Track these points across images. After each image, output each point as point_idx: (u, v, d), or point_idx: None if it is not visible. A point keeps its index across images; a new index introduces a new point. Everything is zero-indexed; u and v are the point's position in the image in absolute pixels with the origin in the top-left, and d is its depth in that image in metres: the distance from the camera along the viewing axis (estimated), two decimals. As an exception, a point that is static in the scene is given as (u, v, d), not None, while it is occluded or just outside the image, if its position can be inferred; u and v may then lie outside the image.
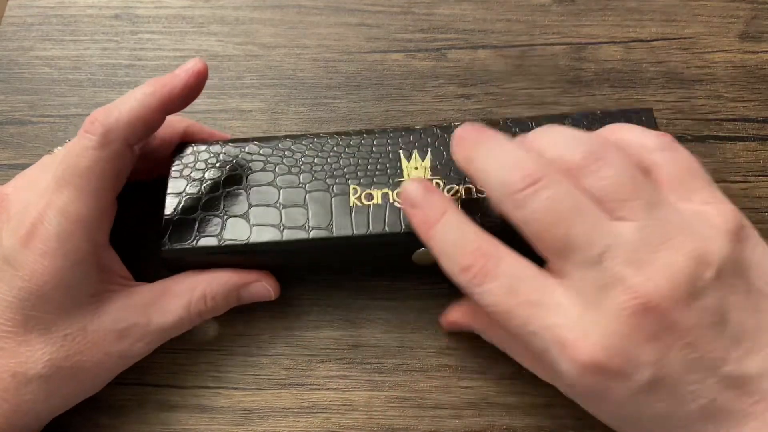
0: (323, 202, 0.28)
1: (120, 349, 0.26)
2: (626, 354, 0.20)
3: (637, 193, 0.21)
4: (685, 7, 0.38)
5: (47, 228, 0.24)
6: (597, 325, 0.20)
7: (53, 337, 0.25)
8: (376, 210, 0.28)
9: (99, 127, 0.25)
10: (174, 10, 0.40)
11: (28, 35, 0.39)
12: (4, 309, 0.24)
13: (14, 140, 0.36)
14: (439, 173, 0.28)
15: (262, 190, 0.29)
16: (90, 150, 0.25)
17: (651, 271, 0.20)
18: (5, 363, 0.24)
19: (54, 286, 0.24)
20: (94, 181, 0.25)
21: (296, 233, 0.28)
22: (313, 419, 0.29)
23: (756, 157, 0.34)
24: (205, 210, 0.29)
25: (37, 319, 0.25)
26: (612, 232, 0.21)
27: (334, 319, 0.31)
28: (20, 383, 0.24)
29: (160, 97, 0.26)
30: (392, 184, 0.28)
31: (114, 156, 0.25)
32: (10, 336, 0.24)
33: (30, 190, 0.26)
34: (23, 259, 0.24)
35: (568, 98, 0.36)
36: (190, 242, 0.28)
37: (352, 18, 0.39)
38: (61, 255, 0.24)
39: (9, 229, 0.25)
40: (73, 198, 0.25)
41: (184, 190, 0.29)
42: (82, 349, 0.25)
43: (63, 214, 0.24)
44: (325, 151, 0.30)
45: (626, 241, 0.21)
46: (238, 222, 0.28)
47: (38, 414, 0.25)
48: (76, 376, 0.26)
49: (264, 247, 0.28)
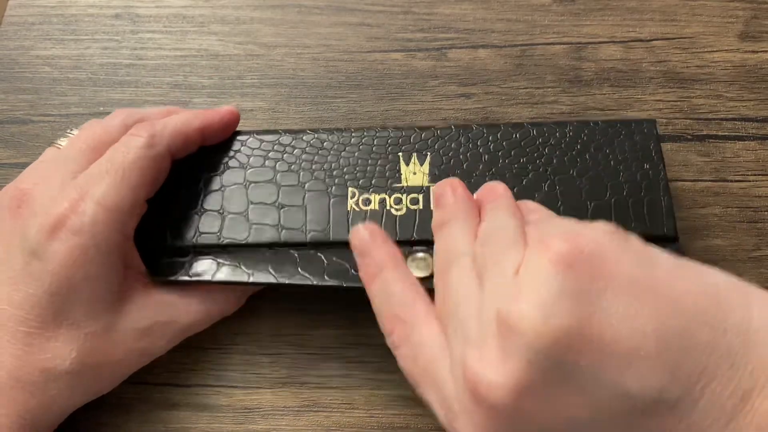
0: (321, 204, 0.28)
1: (142, 347, 0.27)
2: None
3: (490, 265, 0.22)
4: (685, 7, 0.38)
5: (80, 218, 0.25)
6: (461, 413, 0.21)
7: (80, 334, 0.25)
8: (372, 216, 0.28)
9: (147, 131, 0.27)
10: (175, 10, 0.40)
11: (28, 35, 0.39)
12: (33, 305, 0.25)
13: (15, 139, 0.36)
14: (436, 180, 0.28)
15: (261, 187, 0.29)
16: (137, 148, 0.27)
17: (484, 352, 0.20)
18: (34, 359, 0.25)
19: (84, 278, 0.25)
20: (136, 177, 0.26)
21: (294, 234, 0.28)
22: (314, 418, 0.29)
23: (755, 156, 0.34)
24: (206, 206, 0.29)
25: (65, 315, 0.25)
26: (464, 325, 0.22)
27: (334, 317, 0.31)
28: (48, 379, 0.25)
29: (201, 120, 0.29)
30: (390, 190, 0.29)
31: (157, 158, 0.27)
32: (39, 332, 0.25)
33: (49, 184, 0.26)
34: (52, 250, 0.24)
35: (567, 98, 0.36)
36: (192, 239, 0.28)
37: (353, 18, 0.39)
38: (93, 245, 0.25)
39: (35, 224, 0.25)
40: (113, 188, 0.26)
41: (185, 184, 0.29)
42: (106, 345, 0.26)
43: (100, 203, 0.25)
44: (325, 149, 0.30)
45: (479, 330, 0.21)
46: (238, 218, 0.28)
47: (60, 408, 0.26)
48: (99, 373, 0.26)
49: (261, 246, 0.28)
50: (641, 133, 0.29)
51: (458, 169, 0.29)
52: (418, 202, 0.28)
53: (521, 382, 0.19)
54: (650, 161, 0.29)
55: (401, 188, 0.29)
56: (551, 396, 0.19)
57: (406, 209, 0.28)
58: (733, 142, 0.34)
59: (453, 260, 0.23)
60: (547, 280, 0.19)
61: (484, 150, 0.29)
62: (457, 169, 0.29)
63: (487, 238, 0.23)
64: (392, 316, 0.24)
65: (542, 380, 0.19)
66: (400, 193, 0.29)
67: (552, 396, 0.19)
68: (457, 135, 0.30)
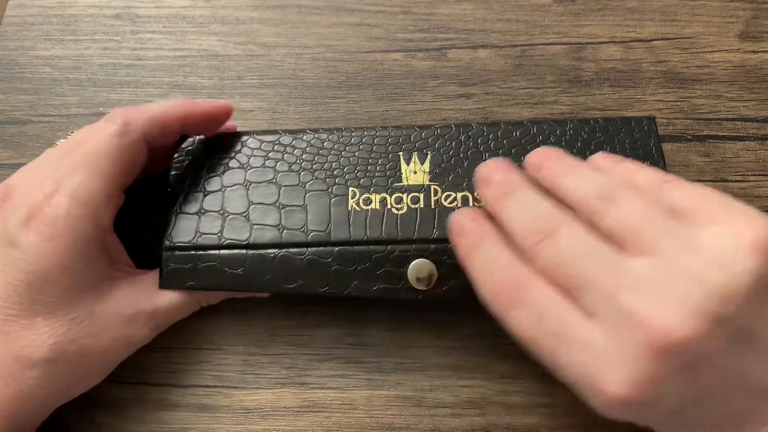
0: (322, 204, 0.28)
1: (126, 335, 0.27)
2: (652, 388, 0.20)
3: (653, 229, 0.21)
4: (685, 7, 0.38)
5: (54, 210, 0.25)
6: (621, 361, 0.20)
7: (59, 321, 0.25)
8: (373, 215, 0.28)
9: (120, 118, 0.27)
10: (174, 10, 0.40)
11: (28, 35, 0.39)
12: (11, 293, 0.24)
13: (15, 140, 0.36)
14: (437, 179, 0.28)
15: (261, 187, 0.29)
16: (109, 136, 0.26)
17: (670, 307, 0.20)
18: (9, 347, 0.24)
19: (61, 269, 0.25)
20: (109, 166, 0.26)
21: (295, 235, 0.28)
22: (314, 418, 0.29)
23: (756, 156, 0.34)
24: (206, 207, 0.29)
25: (43, 303, 0.25)
26: (629, 269, 0.21)
27: (334, 318, 0.31)
28: (24, 367, 0.24)
29: (182, 110, 0.28)
30: (391, 189, 0.29)
31: (130, 146, 0.27)
32: (14, 320, 0.25)
33: (34, 179, 0.26)
34: (29, 242, 0.24)
35: (567, 98, 0.36)
36: (192, 238, 0.28)
37: (353, 18, 0.39)
38: (68, 237, 0.25)
39: (14, 216, 0.25)
40: (86, 180, 0.25)
41: (185, 184, 0.29)
42: (88, 333, 0.26)
43: (73, 196, 0.25)
44: (325, 149, 0.30)
45: (643, 277, 0.21)
46: (238, 219, 0.28)
47: (41, 400, 0.25)
48: (81, 362, 0.26)
49: (263, 247, 0.28)
50: (641, 130, 0.29)
51: (459, 168, 0.29)
52: (419, 201, 0.28)
53: (708, 333, 0.19)
54: (650, 158, 0.29)
55: (402, 187, 0.29)
56: (729, 353, 0.20)
57: (407, 208, 0.28)
58: (734, 143, 0.34)
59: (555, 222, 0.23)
60: (745, 258, 0.20)
61: (485, 148, 0.29)
62: (458, 167, 0.29)
63: (616, 196, 0.23)
64: (502, 279, 0.23)
65: (727, 337, 0.20)
66: (400, 192, 0.28)
67: (730, 354, 0.20)
68: (458, 134, 0.30)
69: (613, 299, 0.21)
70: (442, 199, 0.28)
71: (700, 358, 0.20)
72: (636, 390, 0.20)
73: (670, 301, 0.20)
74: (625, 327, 0.20)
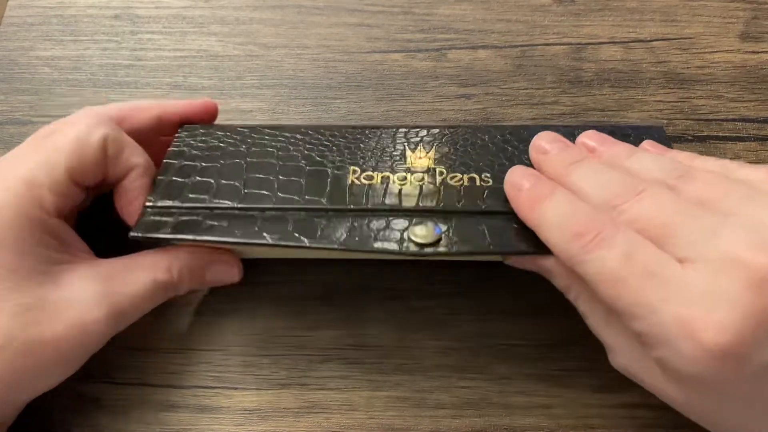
0: (321, 177, 0.28)
1: (81, 321, 0.25)
2: (752, 331, 0.19)
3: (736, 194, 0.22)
4: (685, 8, 0.38)
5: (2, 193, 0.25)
6: (720, 303, 0.20)
7: (8, 306, 0.24)
8: (374, 189, 0.27)
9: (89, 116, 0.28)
10: (174, 11, 0.40)
11: (28, 35, 0.39)
12: None
13: (15, 140, 0.36)
14: (443, 163, 0.28)
15: (260, 164, 0.29)
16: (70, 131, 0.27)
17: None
18: None
19: (4, 249, 0.25)
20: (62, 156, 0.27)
21: (290, 200, 0.27)
22: (314, 419, 0.29)
23: (756, 157, 0.34)
24: (198, 177, 0.28)
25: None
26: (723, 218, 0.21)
27: (334, 318, 0.31)
28: None
29: (158, 110, 0.30)
30: (395, 170, 0.28)
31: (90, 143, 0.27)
32: None
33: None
34: None
35: (568, 98, 0.36)
36: (178, 200, 0.27)
37: (353, 18, 0.39)
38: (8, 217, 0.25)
39: None
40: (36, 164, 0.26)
41: (181, 166, 0.29)
42: (39, 319, 0.24)
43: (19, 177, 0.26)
44: (329, 140, 0.30)
45: (739, 223, 0.21)
46: (231, 186, 0.28)
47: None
48: (35, 351, 0.24)
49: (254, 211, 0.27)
50: (652, 139, 0.29)
51: (466, 156, 0.28)
52: (423, 179, 0.28)
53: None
54: None
55: (406, 168, 0.28)
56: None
57: (411, 184, 0.27)
58: (734, 143, 0.34)
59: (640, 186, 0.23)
60: None
61: (493, 144, 0.29)
62: (465, 156, 0.28)
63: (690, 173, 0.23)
64: (586, 219, 0.23)
65: None
66: (404, 172, 0.28)
67: None
68: (465, 131, 0.30)
69: (710, 242, 0.21)
70: (447, 178, 0.28)
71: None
72: (734, 335, 0.19)
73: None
74: (725, 268, 0.20)
